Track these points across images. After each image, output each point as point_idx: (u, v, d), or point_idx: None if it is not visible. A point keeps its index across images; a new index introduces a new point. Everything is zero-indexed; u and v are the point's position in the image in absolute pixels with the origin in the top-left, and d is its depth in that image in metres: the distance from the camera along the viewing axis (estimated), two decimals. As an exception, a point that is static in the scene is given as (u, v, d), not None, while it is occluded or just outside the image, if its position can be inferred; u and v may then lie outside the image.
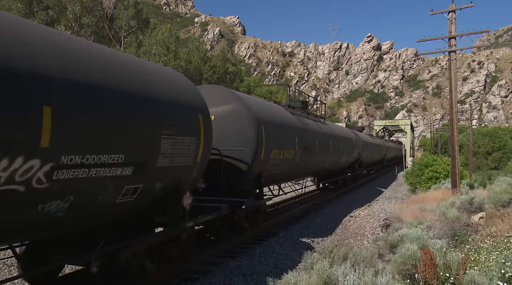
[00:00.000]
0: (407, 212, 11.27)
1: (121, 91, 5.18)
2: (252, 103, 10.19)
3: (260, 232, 10.67)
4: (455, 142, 15.44)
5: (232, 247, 9.02)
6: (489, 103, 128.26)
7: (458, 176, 15.12)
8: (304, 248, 9.41)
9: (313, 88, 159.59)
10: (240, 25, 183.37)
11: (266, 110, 10.79)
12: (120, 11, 40.91)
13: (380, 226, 11.47)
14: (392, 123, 74.23)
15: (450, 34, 15.30)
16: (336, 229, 12.37)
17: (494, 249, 6.28)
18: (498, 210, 10.18)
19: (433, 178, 21.59)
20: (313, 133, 14.16)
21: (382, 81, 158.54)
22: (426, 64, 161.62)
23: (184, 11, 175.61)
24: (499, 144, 60.02)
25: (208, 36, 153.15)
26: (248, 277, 7.27)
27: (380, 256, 7.02)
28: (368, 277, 4.32)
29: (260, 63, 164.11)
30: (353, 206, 16.89)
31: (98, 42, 32.78)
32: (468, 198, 11.22)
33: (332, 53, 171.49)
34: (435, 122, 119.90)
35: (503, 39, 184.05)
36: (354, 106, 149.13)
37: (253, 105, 10.13)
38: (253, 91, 39.19)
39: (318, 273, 4.30)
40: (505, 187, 12.61)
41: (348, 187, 22.89)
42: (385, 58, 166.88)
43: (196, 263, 7.71)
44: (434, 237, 7.43)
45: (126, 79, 5.43)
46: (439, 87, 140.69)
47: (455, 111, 15.45)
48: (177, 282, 6.82)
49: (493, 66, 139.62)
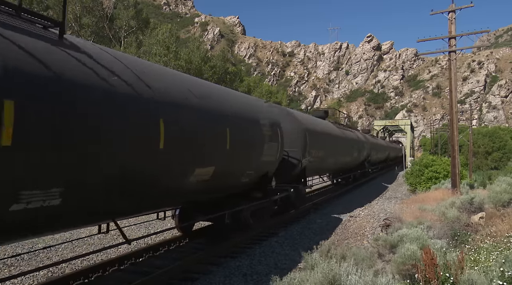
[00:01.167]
0: (407, 212, 11.27)
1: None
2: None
3: (260, 232, 10.70)
4: (455, 142, 15.44)
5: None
6: (489, 103, 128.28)
7: (458, 176, 15.13)
8: (304, 248, 9.41)
9: (313, 88, 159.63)
10: (240, 25, 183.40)
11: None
12: (120, 11, 40.94)
13: (380, 226, 11.47)
14: (392, 123, 74.31)
15: (450, 34, 15.30)
16: (336, 229, 12.37)
17: (494, 249, 6.29)
18: (498, 210, 10.18)
19: (433, 178, 21.61)
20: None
21: (382, 81, 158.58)
22: (426, 64, 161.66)
23: (184, 11, 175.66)
24: (499, 144, 60.05)
25: (208, 36, 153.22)
26: (248, 277, 7.27)
27: (380, 256, 7.02)
28: (368, 277, 4.32)
29: (260, 63, 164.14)
30: (353, 206, 16.89)
31: (98, 42, 32.76)
32: (468, 198, 11.22)
33: (332, 53, 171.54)
34: (435, 122, 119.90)
35: (503, 39, 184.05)
36: (354, 106, 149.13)
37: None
38: (253, 91, 39.14)
39: (323, 272, 4.31)
40: (505, 187, 12.61)
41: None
42: (385, 58, 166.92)
43: (196, 263, 7.72)
44: (434, 237, 7.43)
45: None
46: (439, 87, 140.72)
47: (455, 111, 15.45)
48: (177, 282, 6.82)
49: (493, 66, 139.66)
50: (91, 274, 6.74)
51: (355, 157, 23.12)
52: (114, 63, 5.26)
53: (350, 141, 21.32)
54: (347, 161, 21.34)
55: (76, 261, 7.83)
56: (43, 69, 3.98)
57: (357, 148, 23.21)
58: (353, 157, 22.65)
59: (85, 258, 7.94)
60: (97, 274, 6.86)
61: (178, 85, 6.63)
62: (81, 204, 4.65)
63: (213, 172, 7.25)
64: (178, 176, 6.36)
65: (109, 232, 6.19)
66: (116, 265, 7.34)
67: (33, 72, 3.87)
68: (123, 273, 7.13)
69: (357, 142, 23.68)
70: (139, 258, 8.04)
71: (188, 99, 6.55)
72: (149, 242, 9.56)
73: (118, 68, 5.22)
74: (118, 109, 4.88)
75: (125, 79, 5.17)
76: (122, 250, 8.80)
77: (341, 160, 19.54)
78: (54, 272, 7.26)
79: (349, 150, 21.00)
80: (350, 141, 21.35)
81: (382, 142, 41.87)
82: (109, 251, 8.47)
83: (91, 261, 7.95)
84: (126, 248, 8.87)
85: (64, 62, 4.33)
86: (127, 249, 8.84)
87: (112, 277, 6.87)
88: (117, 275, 7.03)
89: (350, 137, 21.73)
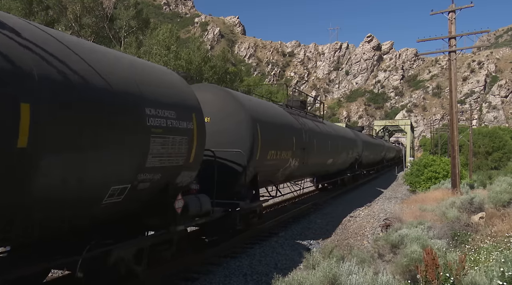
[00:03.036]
0: (407, 212, 11.27)
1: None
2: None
3: (261, 232, 10.68)
4: (455, 142, 15.44)
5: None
6: (489, 103, 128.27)
7: (458, 176, 15.13)
8: (304, 248, 9.42)
9: (313, 88, 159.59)
10: (240, 25, 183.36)
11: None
12: (120, 11, 40.90)
13: (380, 226, 11.47)
14: (392, 123, 74.28)
15: (450, 34, 15.30)
16: (336, 229, 12.37)
17: (494, 249, 6.29)
18: (498, 210, 10.19)
19: (433, 178, 21.60)
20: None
21: (382, 81, 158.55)
22: (426, 64, 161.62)
23: (184, 11, 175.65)
24: (499, 144, 59.99)
25: (208, 36, 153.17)
26: (248, 277, 7.27)
27: (380, 256, 7.02)
28: (369, 276, 4.33)
29: (260, 63, 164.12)
30: (353, 206, 16.89)
31: (98, 42, 32.77)
32: (468, 198, 11.21)
33: (332, 53, 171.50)
34: (435, 122, 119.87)
35: (503, 39, 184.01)
36: (354, 106, 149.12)
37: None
38: (253, 91, 39.12)
39: (324, 271, 4.31)
40: (505, 187, 12.61)
41: (347, 188, 22.78)
42: (385, 58, 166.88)
43: (196, 263, 7.72)
44: (434, 237, 7.43)
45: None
46: (439, 87, 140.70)
47: (455, 111, 15.45)
48: (177, 282, 6.82)
49: (493, 66, 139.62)
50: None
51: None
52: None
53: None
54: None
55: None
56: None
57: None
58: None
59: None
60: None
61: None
62: None
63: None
64: None
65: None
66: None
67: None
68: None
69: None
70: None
71: None
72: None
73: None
74: None
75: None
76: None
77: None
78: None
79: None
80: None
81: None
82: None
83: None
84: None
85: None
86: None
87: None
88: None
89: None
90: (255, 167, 9.53)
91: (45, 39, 4.36)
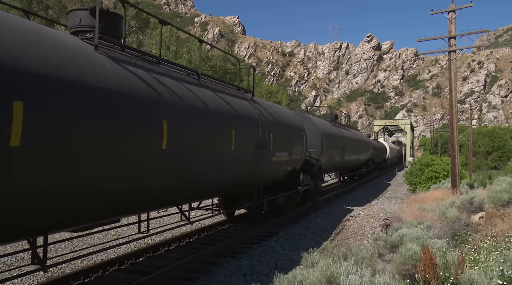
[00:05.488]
0: (407, 212, 11.27)
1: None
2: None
3: (261, 232, 10.71)
4: (455, 142, 15.44)
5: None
6: (489, 103, 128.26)
7: (458, 175, 15.12)
8: (304, 248, 9.42)
9: (313, 88, 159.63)
10: (240, 25, 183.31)
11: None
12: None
13: (380, 226, 11.47)
14: (392, 123, 74.37)
15: (450, 34, 15.30)
16: (336, 229, 12.37)
17: (494, 248, 6.29)
18: (498, 210, 10.19)
19: (433, 178, 21.60)
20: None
21: (382, 81, 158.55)
22: (426, 64, 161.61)
23: (184, 11, 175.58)
24: (499, 144, 60.00)
25: (208, 36, 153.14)
26: (248, 277, 7.27)
27: (380, 256, 7.03)
28: (367, 276, 4.33)
29: (260, 63, 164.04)
30: (353, 206, 16.91)
31: (98, 42, 32.69)
32: (468, 197, 11.21)
33: (332, 53, 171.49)
34: (435, 122, 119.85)
35: (503, 39, 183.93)
36: (354, 106, 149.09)
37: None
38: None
39: (322, 270, 4.31)
40: (505, 186, 12.61)
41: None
42: (385, 58, 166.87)
43: (196, 263, 7.73)
44: (434, 236, 7.43)
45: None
46: (439, 87, 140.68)
47: (455, 111, 15.45)
48: (177, 282, 6.83)
49: (493, 66, 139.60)
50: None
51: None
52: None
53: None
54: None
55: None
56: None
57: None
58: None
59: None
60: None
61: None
62: None
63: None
64: None
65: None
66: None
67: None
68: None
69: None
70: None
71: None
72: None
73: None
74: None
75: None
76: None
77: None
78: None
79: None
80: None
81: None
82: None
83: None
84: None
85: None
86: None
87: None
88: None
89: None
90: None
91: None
